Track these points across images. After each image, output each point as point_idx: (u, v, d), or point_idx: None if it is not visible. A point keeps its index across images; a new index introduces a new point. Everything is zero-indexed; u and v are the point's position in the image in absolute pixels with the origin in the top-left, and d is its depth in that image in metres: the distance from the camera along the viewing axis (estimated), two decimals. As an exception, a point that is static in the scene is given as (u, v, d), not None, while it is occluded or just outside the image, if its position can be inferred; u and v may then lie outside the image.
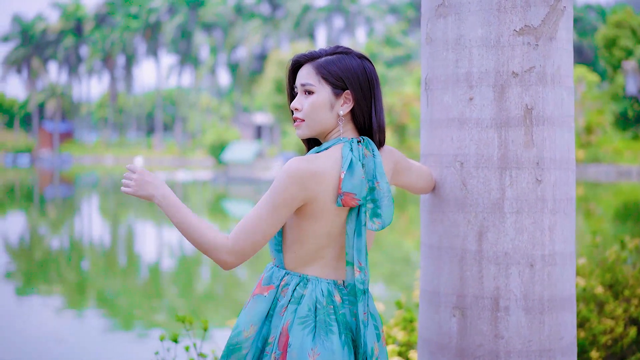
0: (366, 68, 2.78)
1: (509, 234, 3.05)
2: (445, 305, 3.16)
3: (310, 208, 2.68)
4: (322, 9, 73.86)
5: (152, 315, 10.86)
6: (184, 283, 13.69)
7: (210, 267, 15.74)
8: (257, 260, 16.38)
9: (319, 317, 2.69)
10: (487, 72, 3.05)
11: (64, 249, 17.90)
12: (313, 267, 2.75)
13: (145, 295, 12.39)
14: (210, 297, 12.56)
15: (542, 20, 3.04)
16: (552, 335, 3.09)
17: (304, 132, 2.81)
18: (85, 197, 35.13)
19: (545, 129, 3.06)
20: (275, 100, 54.42)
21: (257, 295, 2.80)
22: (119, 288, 13.00)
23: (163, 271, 15.09)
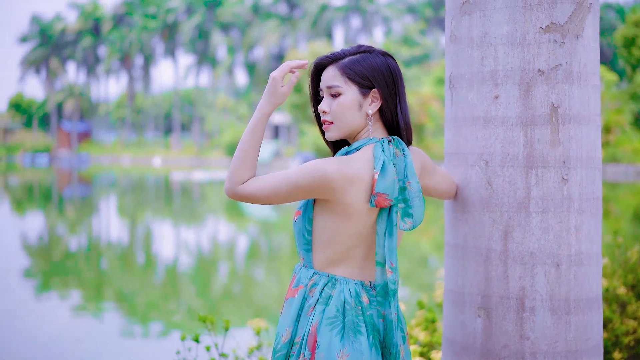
0: (390, 65, 2.77)
1: (534, 234, 3.01)
2: (470, 305, 3.13)
3: (341, 208, 2.67)
4: (339, 8, 73.77)
5: (170, 314, 10.86)
6: (202, 283, 13.69)
7: (228, 267, 15.74)
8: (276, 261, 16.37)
9: (347, 317, 2.67)
10: (512, 70, 3.02)
11: (82, 248, 17.93)
12: (341, 267, 2.74)
13: (163, 294, 12.38)
14: (228, 296, 12.55)
15: (568, 17, 3.00)
16: (578, 337, 3.05)
17: (334, 134, 2.79)
18: (103, 196, 35.22)
19: (572, 128, 3.03)
20: (292, 100, 54.35)
21: (289, 299, 2.81)
22: (137, 287, 13.01)
23: (181, 271, 15.08)
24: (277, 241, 19.96)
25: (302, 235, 2.79)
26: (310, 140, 49.25)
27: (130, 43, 79.71)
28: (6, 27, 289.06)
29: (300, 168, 2.67)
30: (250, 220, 24.90)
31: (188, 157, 70.73)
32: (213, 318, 4.10)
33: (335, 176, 2.61)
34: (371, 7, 74.31)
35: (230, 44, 76.73)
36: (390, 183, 2.66)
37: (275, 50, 74.38)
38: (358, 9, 74.13)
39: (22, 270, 14.12)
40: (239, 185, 2.74)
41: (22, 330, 9.41)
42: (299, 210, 2.80)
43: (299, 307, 2.74)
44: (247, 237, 20.86)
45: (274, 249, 18.43)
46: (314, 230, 2.76)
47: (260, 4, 75.91)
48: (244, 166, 2.76)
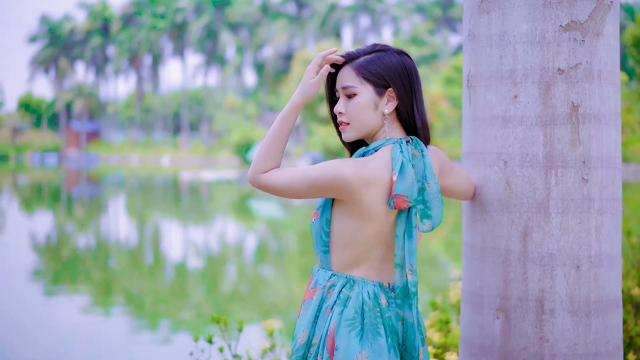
0: (406, 64, 2.73)
1: (554, 235, 2.97)
2: (489, 307, 3.09)
3: (359, 210, 2.64)
4: (348, 8, 73.75)
5: (179, 314, 10.85)
6: (211, 282, 13.67)
7: (237, 267, 15.72)
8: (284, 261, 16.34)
9: (366, 319, 2.64)
10: (532, 68, 2.98)
11: (91, 248, 17.95)
12: (360, 268, 2.71)
13: (171, 294, 12.37)
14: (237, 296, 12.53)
15: (588, 15, 2.96)
16: (598, 339, 3.01)
17: (350, 135, 2.76)
18: (112, 196, 35.26)
19: (592, 127, 2.98)
20: (300, 100, 54.26)
21: (306, 301, 2.77)
22: (145, 287, 13.00)
23: (189, 270, 15.07)
24: (286, 241, 19.94)
25: (320, 237, 2.75)
26: (318, 140, 49.19)
27: (139, 43, 79.85)
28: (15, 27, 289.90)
29: (319, 167, 2.64)
30: (259, 220, 24.89)
31: (196, 157, 70.81)
32: (226, 319, 4.07)
33: (352, 178, 2.58)
34: (380, 7, 74.26)
35: (239, 43, 76.79)
36: (409, 184, 2.62)
37: (284, 50, 74.40)
38: (367, 8, 74.09)
39: (31, 270, 14.13)
40: (260, 173, 2.73)
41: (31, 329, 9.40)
42: (317, 212, 2.77)
43: (317, 308, 2.71)
44: (255, 236, 20.85)
45: (283, 249, 18.41)
46: (332, 231, 2.73)
47: (269, 3, 75.95)
48: (268, 155, 2.74)
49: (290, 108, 2.75)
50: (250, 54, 76.79)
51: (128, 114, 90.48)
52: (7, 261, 15.08)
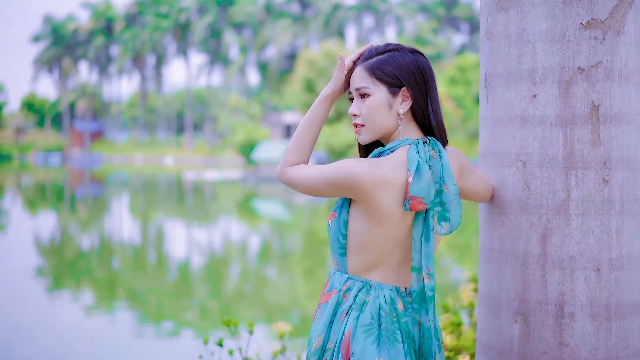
0: (419, 62, 2.66)
1: (574, 237, 2.91)
2: (507, 311, 3.03)
3: (374, 212, 2.57)
4: (352, 7, 73.68)
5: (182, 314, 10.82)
6: (214, 282, 13.64)
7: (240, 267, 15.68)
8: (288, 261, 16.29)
9: (383, 325, 2.58)
10: (551, 67, 2.92)
11: (95, 247, 17.92)
12: (376, 272, 2.65)
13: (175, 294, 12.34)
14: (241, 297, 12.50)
15: (609, 13, 2.90)
16: (619, 343, 2.95)
17: (366, 137, 2.70)
18: (115, 196, 35.24)
19: (613, 127, 2.92)
20: (304, 100, 54.27)
21: (322, 304, 2.71)
22: (149, 287, 12.97)
23: (193, 270, 15.04)
24: (290, 241, 19.91)
25: (337, 239, 2.69)
26: (322, 140, 49.13)
27: (142, 42, 79.82)
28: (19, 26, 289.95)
29: (334, 165, 2.60)
30: (263, 220, 24.86)
31: (200, 157, 70.79)
32: (237, 322, 4.01)
33: (365, 177, 2.52)
34: (383, 6, 74.19)
35: (243, 43, 76.75)
36: (425, 186, 2.56)
37: (288, 49, 74.37)
38: (370, 8, 74.03)
39: (35, 270, 14.10)
40: (287, 167, 2.75)
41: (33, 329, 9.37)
42: (334, 213, 2.70)
43: (332, 312, 2.65)
44: (259, 237, 20.82)
45: (287, 249, 18.38)
46: (349, 234, 2.67)
47: (273, 3, 75.92)
48: (295, 149, 2.76)
49: (319, 99, 2.76)
50: (253, 54, 76.74)
51: (131, 114, 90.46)
52: (10, 261, 15.06)
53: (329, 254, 17.17)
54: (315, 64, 53.34)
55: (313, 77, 53.37)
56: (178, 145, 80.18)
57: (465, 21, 79.14)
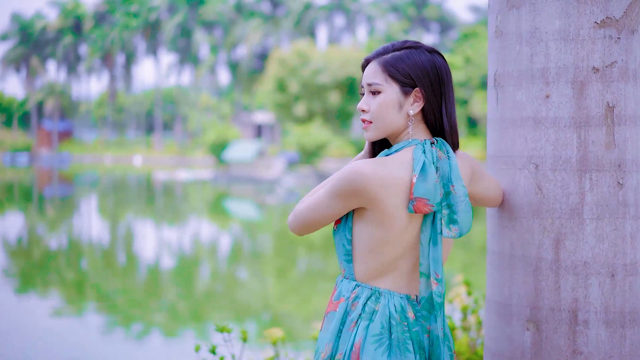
0: (436, 63, 2.57)
1: (588, 242, 2.83)
2: (518, 318, 2.94)
3: (379, 215, 2.48)
4: (323, 7, 73.64)
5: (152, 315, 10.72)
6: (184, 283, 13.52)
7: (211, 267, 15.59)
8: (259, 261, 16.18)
9: (393, 334, 2.48)
10: (565, 67, 2.83)
11: (63, 248, 17.71)
12: (386, 279, 2.54)
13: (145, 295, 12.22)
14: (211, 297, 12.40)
15: (624, 11, 2.82)
16: (633, 351, 2.87)
17: (372, 135, 2.60)
18: (85, 196, 34.91)
19: (627, 129, 2.84)
20: (276, 99, 54.21)
21: (330, 313, 2.60)
22: (118, 288, 12.84)
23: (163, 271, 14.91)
24: (261, 241, 19.83)
25: (342, 246, 2.59)
26: (294, 140, 49.09)
27: (111, 41, 79.26)
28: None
29: (336, 173, 2.52)
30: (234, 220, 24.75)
31: (170, 157, 70.45)
32: (230, 329, 3.90)
33: (370, 176, 2.44)
34: (355, 6, 74.25)
35: (213, 42, 76.49)
36: (431, 187, 2.47)
37: (259, 49, 74.22)
38: (341, 7, 74.06)
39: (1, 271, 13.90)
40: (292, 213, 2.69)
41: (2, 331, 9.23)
42: (339, 219, 2.60)
43: (340, 321, 2.54)
44: (230, 237, 20.73)
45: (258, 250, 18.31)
46: (354, 239, 2.57)
47: (244, 2, 75.71)
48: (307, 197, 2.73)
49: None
50: (224, 53, 76.48)
51: (100, 113, 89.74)
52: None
53: (300, 254, 17.11)
54: (287, 63, 53.27)
55: (284, 77, 53.30)
56: (148, 145, 79.68)
57: (436, 21, 79.42)
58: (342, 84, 53.36)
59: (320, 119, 53.14)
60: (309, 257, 16.89)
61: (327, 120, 54.18)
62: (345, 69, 52.80)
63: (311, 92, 52.92)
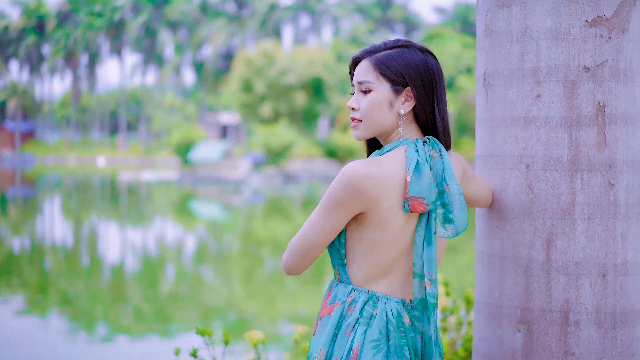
0: (429, 63, 2.54)
1: (579, 242, 2.81)
2: (508, 319, 2.91)
3: (374, 216, 2.43)
4: (288, 7, 73.57)
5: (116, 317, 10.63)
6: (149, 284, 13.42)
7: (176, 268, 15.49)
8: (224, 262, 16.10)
9: (391, 340, 2.45)
10: (556, 66, 2.81)
11: (26, 250, 17.50)
12: (382, 282, 2.50)
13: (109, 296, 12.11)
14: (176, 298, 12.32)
15: (615, 10, 2.81)
16: (624, 352, 2.86)
17: (361, 134, 2.56)
18: (48, 197, 34.55)
19: (618, 129, 2.83)
20: (241, 100, 54.05)
21: (324, 317, 2.55)
22: (82, 289, 12.71)
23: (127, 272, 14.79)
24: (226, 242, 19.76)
25: (336, 250, 2.54)
26: (259, 140, 48.97)
27: (75, 41, 78.56)
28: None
29: (330, 186, 2.46)
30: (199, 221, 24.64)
31: (135, 157, 70.01)
32: (211, 331, 3.84)
33: (367, 174, 2.40)
34: (320, 7, 74.26)
35: (178, 42, 76.15)
36: (425, 186, 2.44)
37: (224, 49, 74.01)
38: (307, 8, 74.04)
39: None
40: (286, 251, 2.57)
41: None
42: None
43: (336, 325, 2.49)
44: (195, 238, 20.63)
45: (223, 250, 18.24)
46: (348, 243, 2.52)
47: (208, 2, 75.43)
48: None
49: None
50: (189, 53, 76.14)
51: (64, 113, 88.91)
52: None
53: (266, 255, 17.06)
54: (253, 63, 53.15)
55: (250, 77, 53.18)
56: (112, 146, 79.10)
57: (401, 22, 79.66)
58: (308, 84, 53.37)
59: (286, 120, 53.09)
60: (274, 257, 16.85)
61: (293, 121, 54.15)
62: (311, 70, 52.81)
63: (277, 93, 52.86)
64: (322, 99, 55.03)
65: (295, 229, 22.10)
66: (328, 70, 54.18)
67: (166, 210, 28.23)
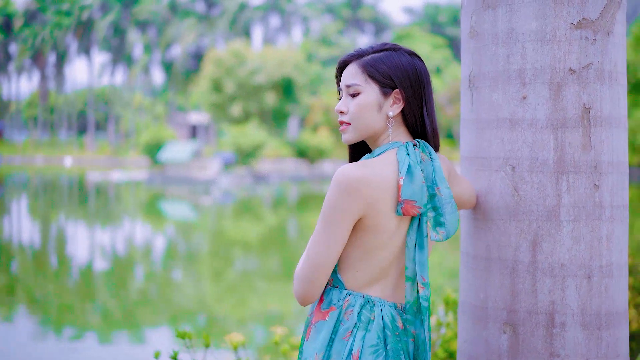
0: (416, 65, 2.55)
1: (565, 244, 2.82)
2: (494, 321, 2.92)
3: (370, 220, 2.42)
4: (258, 7, 73.52)
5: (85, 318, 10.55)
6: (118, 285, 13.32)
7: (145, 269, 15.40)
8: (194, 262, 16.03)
9: (389, 345, 2.45)
10: (542, 68, 2.81)
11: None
12: (376, 287, 2.50)
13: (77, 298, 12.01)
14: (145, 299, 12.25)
15: (600, 13, 2.82)
16: (609, 353, 2.87)
17: (350, 137, 2.55)
18: (15, 197, 34.19)
19: (603, 130, 2.84)
20: (211, 99, 53.89)
21: (318, 323, 2.52)
22: (50, 290, 12.59)
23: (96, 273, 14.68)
24: (196, 243, 19.68)
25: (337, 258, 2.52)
26: (229, 140, 48.81)
27: (42, 40, 77.87)
28: None
29: (325, 199, 2.43)
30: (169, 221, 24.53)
31: (103, 157, 69.54)
32: (191, 334, 3.81)
33: (361, 177, 2.38)
34: (290, 7, 74.28)
35: (147, 42, 75.76)
36: (418, 189, 2.43)
37: (193, 48, 73.78)
38: (277, 8, 74.03)
39: None
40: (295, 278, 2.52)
41: None
42: None
43: (332, 330, 2.48)
44: (165, 238, 20.53)
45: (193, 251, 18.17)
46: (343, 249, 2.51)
47: (178, 2, 75.18)
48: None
49: None
50: (158, 53, 75.81)
51: (31, 113, 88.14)
52: None
53: (236, 255, 16.99)
54: (222, 63, 53.02)
55: (220, 77, 53.04)
56: (80, 146, 78.50)
57: (370, 22, 79.89)
58: (278, 84, 53.34)
59: (256, 120, 53.00)
60: (244, 258, 16.81)
61: (263, 121, 54.09)
62: (281, 70, 52.79)
63: (247, 93, 52.77)
64: (292, 99, 55.04)
65: (265, 229, 22.06)
66: (298, 70, 54.20)
67: (135, 210, 28.05)
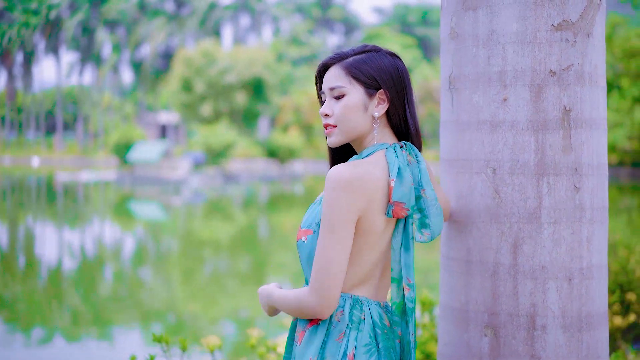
0: (398, 66, 2.56)
1: (546, 246, 2.81)
2: (475, 324, 2.91)
3: (363, 219, 2.42)
4: (228, 7, 73.33)
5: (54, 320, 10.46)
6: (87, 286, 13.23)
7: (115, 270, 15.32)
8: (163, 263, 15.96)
9: (380, 343, 2.45)
10: (522, 70, 2.81)
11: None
12: (363, 287, 2.50)
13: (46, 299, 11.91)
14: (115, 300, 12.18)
15: (580, 14, 2.82)
16: (590, 355, 2.87)
17: (337, 139, 2.54)
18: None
19: (583, 132, 2.84)
20: (181, 99, 53.70)
21: (311, 327, 2.50)
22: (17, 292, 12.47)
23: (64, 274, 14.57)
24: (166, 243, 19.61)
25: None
26: (200, 140, 48.63)
27: (10, 39, 77.08)
28: None
29: (324, 201, 2.41)
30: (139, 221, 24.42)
31: (72, 157, 69.00)
32: (168, 338, 3.77)
33: (353, 176, 2.38)
34: (260, 6, 74.18)
35: (116, 41, 75.29)
36: (407, 191, 2.44)
37: (163, 48, 73.46)
38: (246, 7, 73.89)
39: None
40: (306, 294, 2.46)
41: None
42: (309, 229, 2.51)
43: (325, 333, 2.46)
44: (134, 239, 20.43)
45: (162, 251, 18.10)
46: None
47: (147, 1, 74.74)
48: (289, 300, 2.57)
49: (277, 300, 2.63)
50: (127, 53, 75.35)
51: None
52: None
53: (207, 256, 16.94)
54: (192, 63, 52.85)
55: (190, 76, 52.86)
56: (48, 146, 77.84)
57: (340, 22, 79.99)
58: (249, 83, 53.25)
59: (227, 119, 52.87)
60: (214, 258, 16.77)
61: (233, 121, 53.97)
62: (251, 69, 52.71)
63: (217, 92, 52.64)
64: (263, 99, 54.96)
65: (236, 228, 22.00)
66: (268, 69, 54.16)
67: (105, 210, 27.87)
